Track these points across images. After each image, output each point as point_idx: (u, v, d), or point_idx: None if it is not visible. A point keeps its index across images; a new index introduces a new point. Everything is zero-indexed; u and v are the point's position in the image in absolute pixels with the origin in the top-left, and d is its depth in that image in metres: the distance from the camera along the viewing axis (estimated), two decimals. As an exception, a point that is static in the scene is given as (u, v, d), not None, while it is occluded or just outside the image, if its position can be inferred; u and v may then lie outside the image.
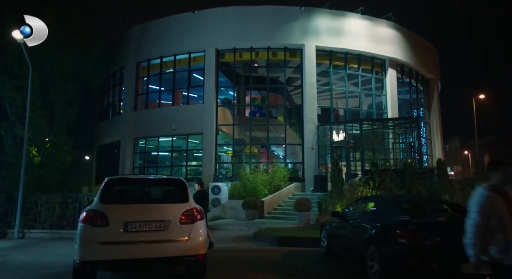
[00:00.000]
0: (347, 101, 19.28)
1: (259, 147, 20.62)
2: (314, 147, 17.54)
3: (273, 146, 20.42)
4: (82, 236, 4.86)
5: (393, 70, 20.30)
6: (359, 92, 19.61)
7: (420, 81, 22.89)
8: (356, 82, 19.94)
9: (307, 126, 17.87)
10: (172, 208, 5.27)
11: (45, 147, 16.89)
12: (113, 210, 5.02)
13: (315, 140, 17.64)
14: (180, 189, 5.62)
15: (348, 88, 19.47)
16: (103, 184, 5.38)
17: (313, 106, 18.05)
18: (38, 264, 7.11)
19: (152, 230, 5.01)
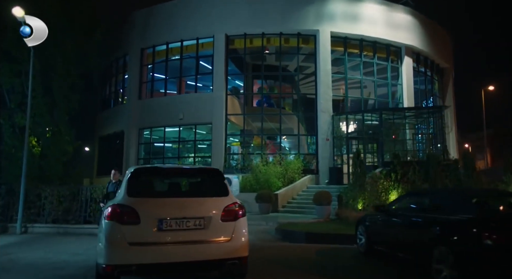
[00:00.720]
0: (362, 91, 18.48)
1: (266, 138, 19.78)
2: (329, 138, 16.78)
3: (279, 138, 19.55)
4: (109, 236, 4.09)
5: (409, 58, 19.49)
6: (374, 81, 18.78)
7: (435, 71, 22.11)
8: (369, 71, 19.10)
9: (321, 116, 17.08)
10: (212, 202, 4.50)
11: (45, 136, 16.05)
12: (144, 205, 4.23)
13: (330, 130, 16.87)
14: (217, 180, 4.84)
15: (363, 77, 18.63)
16: (129, 174, 4.58)
17: (328, 95, 17.24)
18: (48, 264, 6.34)
19: (190, 228, 4.23)
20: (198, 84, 19.77)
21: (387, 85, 19.16)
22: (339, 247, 8.22)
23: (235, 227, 4.43)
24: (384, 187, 13.04)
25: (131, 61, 20.16)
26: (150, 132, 19.68)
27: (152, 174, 4.84)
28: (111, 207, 4.24)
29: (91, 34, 16.91)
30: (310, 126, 17.74)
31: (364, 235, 7.19)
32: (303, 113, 18.58)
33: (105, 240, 4.10)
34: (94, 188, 11.00)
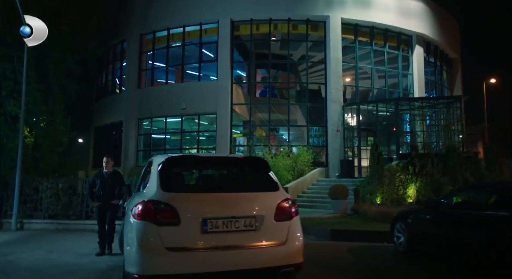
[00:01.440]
0: (372, 81, 17.78)
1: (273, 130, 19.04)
2: (339, 129, 16.08)
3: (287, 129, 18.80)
4: (142, 239, 3.33)
5: (420, 48, 18.82)
6: (385, 70, 18.09)
7: (444, 61, 21.51)
8: (378, 60, 18.39)
9: (331, 107, 16.35)
10: (263, 198, 3.76)
11: (39, 126, 15.09)
12: (184, 202, 3.47)
13: (341, 121, 16.16)
14: (262, 171, 4.08)
15: (374, 66, 17.92)
16: (161, 164, 3.78)
17: (339, 85, 16.50)
18: (53, 267, 5.54)
19: (240, 230, 3.49)
20: (194, 74, 18.81)
21: (398, 75, 18.49)
22: (371, 245, 7.58)
23: (290, 227, 3.70)
24: (401, 181, 12.46)
25: (130, 48, 19.12)
26: (150, 122, 18.74)
27: (188, 164, 4.04)
28: (143, 204, 3.46)
29: (87, 18, 15.89)
30: (319, 117, 17.00)
31: (404, 233, 6.51)
32: (312, 104, 17.80)
33: (137, 245, 3.33)
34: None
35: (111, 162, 6.57)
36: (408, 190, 12.39)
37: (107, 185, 6.36)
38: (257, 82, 19.90)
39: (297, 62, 18.69)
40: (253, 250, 3.47)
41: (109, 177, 6.42)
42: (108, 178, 6.41)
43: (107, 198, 6.31)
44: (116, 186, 6.39)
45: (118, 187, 6.37)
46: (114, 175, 6.52)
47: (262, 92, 21.22)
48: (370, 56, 17.99)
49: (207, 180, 4.14)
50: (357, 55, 17.63)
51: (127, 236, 3.61)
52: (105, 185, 6.36)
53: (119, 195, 6.38)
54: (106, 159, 6.52)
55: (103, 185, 6.35)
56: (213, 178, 4.15)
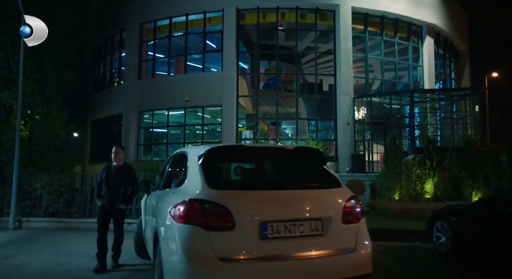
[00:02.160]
0: (382, 72, 17.22)
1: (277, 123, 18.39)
2: (350, 123, 15.52)
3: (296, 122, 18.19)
4: (188, 247, 2.70)
5: (430, 39, 18.30)
6: (395, 61, 17.53)
7: (452, 53, 21.04)
8: (388, 52, 17.82)
9: (341, 99, 15.77)
10: (327, 197, 3.16)
11: (34, 118, 14.31)
12: (237, 201, 2.84)
13: (351, 114, 15.60)
14: (318, 164, 3.47)
15: (384, 57, 17.36)
16: (203, 157, 3.13)
17: (349, 76, 15.91)
18: (65, 272, 4.91)
19: (305, 235, 2.88)
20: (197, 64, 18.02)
21: (408, 67, 17.95)
22: (403, 245, 7.03)
23: (358, 231, 3.10)
24: (417, 176, 11.96)
25: (129, 37, 18.30)
26: (151, 116, 17.98)
27: (236, 156, 3.37)
28: (187, 204, 2.82)
29: (87, 4, 15.04)
30: (323, 109, 16.41)
31: (446, 233, 5.95)
32: (321, 96, 17.18)
33: (181, 254, 2.69)
34: (99, 177, 9.43)
35: (121, 153, 5.28)
36: (426, 185, 11.90)
37: (114, 181, 5.09)
38: (261, 73, 19.18)
39: (304, 52, 17.99)
40: (320, 259, 2.87)
41: (117, 172, 5.15)
42: (116, 173, 5.13)
43: (113, 198, 5.05)
44: (125, 183, 5.12)
45: (128, 186, 5.15)
46: (123, 169, 5.20)
47: (265, 84, 20.55)
48: (380, 47, 17.40)
49: (257, 174, 3.49)
50: (367, 46, 17.03)
51: (165, 242, 2.98)
52: (111, 181, 5.09)
53: (128, 197, 5.22)
54: (115, 149, 5.25)
55: (108, 181, 5.08)
56: (265, 172, 3.51)
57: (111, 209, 5.09)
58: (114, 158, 5.24)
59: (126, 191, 5.14)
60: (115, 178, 5.11)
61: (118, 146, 5.38)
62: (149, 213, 4.27)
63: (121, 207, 5.12)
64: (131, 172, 5.32)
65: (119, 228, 5.21)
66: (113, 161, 5.27)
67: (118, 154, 5.25)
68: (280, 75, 17.87)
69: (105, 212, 5.12)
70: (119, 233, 5.20)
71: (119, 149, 5.31)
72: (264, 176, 3.45)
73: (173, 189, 3.56)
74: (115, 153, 5.23)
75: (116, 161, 5.25)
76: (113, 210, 5.11)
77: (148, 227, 4.24)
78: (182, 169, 3.67)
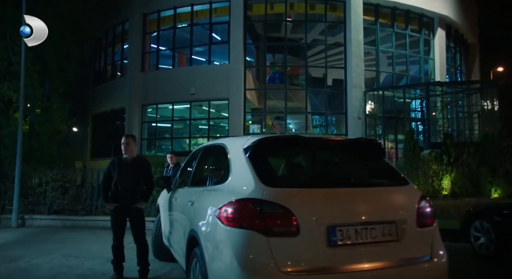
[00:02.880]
0: (394, 65, 16.76)
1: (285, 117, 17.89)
2: (360, 117, 15.08)
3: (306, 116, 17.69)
4: (245, 256, 2.25)
5: (442, 31, 17.85)
6: (406, 54, 17.06)
7: (462, 46, 20.61)
8: (399, 44, 17.36)
9: (352, 92, 15.31)
10: (398, 196, 2.70)
11: (34, 112, 13.82)
12: (301, 201, 2.38)
13: (362, 108, 15.15)
14: (379, 158, 3.02)
15: (395, 50, 16.90)
16: (251, 149, 2.66)
17: (360, 69, 15.44)
18: (79, 277, 4.44)
19: (378, 241, 2.42)
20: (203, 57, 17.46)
21: (420, 60, 17.50)
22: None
23: (433, 236, 2.66)
24: (434, 171, 11.56)
25: (132, 29, 17.70)
26: (156, 109, 17.46)
27: (290, 148, 2.89)
28: (240, 205, 2.36)
29: (88, -8, 14.48)
30: (339, 104, 15.96)
31: (487, 233, 5.52)
32: (331, 89, 16.71)
33: (236, 264, 2.24)
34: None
35: (133, 144, 4.42)
36: (443, 181, 11.51)
37: (127, 177, 4.25)
38: (268, 66, 18.65)
39: (312, 44, 17.47)
40: (396, 270, 2.42)
41: (131, 166, 4.31)
42: (129, 167, 4.29)
43: (127, 197, 4.22)
44: (139, 179, 4.28)
45: (143, 182, 4.33)
46: (137, 162, 4.38)
47: (270, 78, 20.05)
48: (389, 39, 16.92)
49: (316, 169, 3.01)
50: (378, 38, 16.55)
51: (211, 249, 2.51)
52: (124, 178, 4.24)
53: (145, 194, 4.37)
54: (125, 139, 4.37)
55: (122, 178, 4.24)
56: (325, 166, 3.04)
57: (126, 211, 4.25)
58: (124, 149, 4.36)
59: (141, 188, 4.30)
60: (128, 173, 4.27)
61: (128, 136, 4.51)
62: (177, 213, 3.81)
63: (138, 206, 4.27)
64: (145, 166, 4.48)
65: (140, 235, 4.30)
66: (124, 153, 4.39)
67: (129, 145, 4.35)
68: (287, 68, 17.36)
69: (119, 216, 4.28)
70: (141, 241, 4.30)
71: (129, 139, 4.41)
72: (325, 171, 2.98)
73: (211, 186, 3.08)
74: (125, 144, 4.34)
75: (128, 153, 4.36)
76: (128, 212, 4.25)
77: (176, 229, 3.78)
78: (219, 163, 3.20)
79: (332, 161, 3.09)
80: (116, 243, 4.36)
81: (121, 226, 4.35)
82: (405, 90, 14.94)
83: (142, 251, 4.27)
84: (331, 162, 3.09)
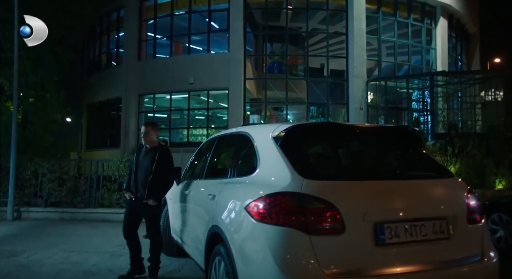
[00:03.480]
0: (396, 55, 16.50)
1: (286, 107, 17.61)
2: (362, 107, 14.86)
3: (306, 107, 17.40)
4: (283, 257, 2.01)
5: (444, 20, 17.59)
6: (409, 44, 16.81)
7: (463, 36, 20.41)
8: (401, 33, 17.07)
9: (353, 82, 15.05)
10: (447, 189, 2.48)
11: (27, 100, 13.40)
12: (345, 195, 2.14)
13: (364, 99, 14.92)
14: (417, 148, 2.78)
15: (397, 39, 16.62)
16: (283, 137, 2.40)
17: (362, 58, 15.17)
18: (86, 274, 4.18)
19: (428, 239, 2.20)
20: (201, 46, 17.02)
21: (421, 50, 17.25)
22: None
23: (483, 234, 2.44)
24: (438, 162, 11.41)
25: (128, 16, 17.17)
26: (153, 99, 17.05)
27: (326, 136, 2.62)
28: (275, 199, 2.11)
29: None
30: (340, 94, 15.72)
31: (506, 226, 5.37)
32: (332, 79, 16.41)
33: (274, 265, 2.00)
34: (108, 164, 8.65)
35: (152, 133, 4.01)
36: (448, 173, 11.38)
37: (142, 167, 3.91)
38: (268, 55, 18.28)
39: (312, 33, 17.09)
40: (448, 271, 2.19)
41: (147, 156, 3.93)
42: (145, 157, 3.93)
43: (140, 190, 3.89)
44: (154, 171, 3.83)
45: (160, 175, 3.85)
46: (155, 152, 3.90)
47: (270, 67, 19.70)
48: (391, 28, 16.62)
49: (357, 159, 2.73)
50: (380, 27, 16.24)
51: (241, 249, 2.26)
52: (139, 168, 3.92)
53: (158, 191, 3.88)
54: (144, 129, 4.00)
55: (137, 169, 3.93)
56: (365, 157, 2.78)
57: (139, 205, 3.89)
58: (144, 140, 4.03)
59: (156, 182, 3.84)
60: (143, 163, 3.91)
61: (148, 124, 4.12)
62: (193, 207, 3.54)
63: (150, 203, 3.81)
64: (165, 156, 3.94)
65: (151, 230, 3.97)
66: (144, 143, 4.07)
67: (147, 135, 3.97)
68: (287, 57, 17.01)
69: (132, 209, 3.98)
70: (152, 237, 3.97)
71: (148, 127, 4.00)
72: (366, 162, 2.72)
73: (235, 178, 2.81)
74: (144, 134, 4.00)
75: (147, 143, 4.00)
76: (141, 206, 3.88)
77: (192, 224, 3.52)
78: (242, 154, 2.93)
79: (371, 150, 2.83)
80: (127, 237, 3.97)
81: (130, 215, 3.99)
82: (408, 80, 14.71)
83: (153, 247, 3.95)
84: (371, 152, 2.84)
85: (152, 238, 3.97)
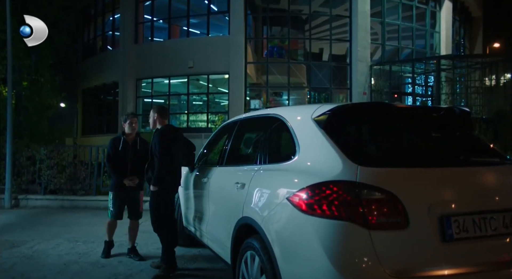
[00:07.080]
0: (399, 38, 16.13)
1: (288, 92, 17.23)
2: (366, 92, 14.58)
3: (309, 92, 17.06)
4: (340, 254, 1.76)
5: (449, 3, 17.16)
6: (413, 27, 16.42)
7: (467, 20, 20.03)
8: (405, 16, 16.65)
9: (357, 66, 14.70)
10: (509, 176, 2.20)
11: (22, 85, 12.96)
12: (408, 184, 1.88)
13: (368, 83, 14.62)
14: (469, 131, 2.52)
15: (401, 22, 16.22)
16: (327, 119, 2.13)
17: (366, 42, 14.77)
18: (95, 266, 3.94)
19: (498, 234, 1.95)
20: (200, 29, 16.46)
21: (425, 33, 16.86)
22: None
23: None
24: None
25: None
26: (151, 84, 16.59)
27: (375, 118, 2.34)
28: (326, 189, 1.85)
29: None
30: (343, 78, 15.38)
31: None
32: (335, 63, 16.02)
33: (329, 264, 1.75)
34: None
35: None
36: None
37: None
38: (268, 38, 17.78)
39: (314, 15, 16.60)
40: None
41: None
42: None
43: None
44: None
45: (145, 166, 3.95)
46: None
47: (270, 51, 19.23)
48: (397, 11, 16.17)
49: (414, 144, 2.41)
50: (384, 9, 15.81)
51: (285, 245, 2.02)
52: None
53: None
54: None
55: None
56: (421, 141, 2.49)
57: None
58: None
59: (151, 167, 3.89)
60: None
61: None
62: (214, 196, 3.28)
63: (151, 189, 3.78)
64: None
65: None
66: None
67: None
68: (289, 41, 16.54)
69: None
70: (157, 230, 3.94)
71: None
72: (423, 147, 2.44)
73: (268, 165, 2.54)
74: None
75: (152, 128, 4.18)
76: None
77: (213, 214, 3.27)
78: (275, 137, 2.66)
79: (426, 134, 2.56)
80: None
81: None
82: (413, 64, 14.40)
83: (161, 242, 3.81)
84: (426, 136, 2.57)
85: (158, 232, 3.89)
